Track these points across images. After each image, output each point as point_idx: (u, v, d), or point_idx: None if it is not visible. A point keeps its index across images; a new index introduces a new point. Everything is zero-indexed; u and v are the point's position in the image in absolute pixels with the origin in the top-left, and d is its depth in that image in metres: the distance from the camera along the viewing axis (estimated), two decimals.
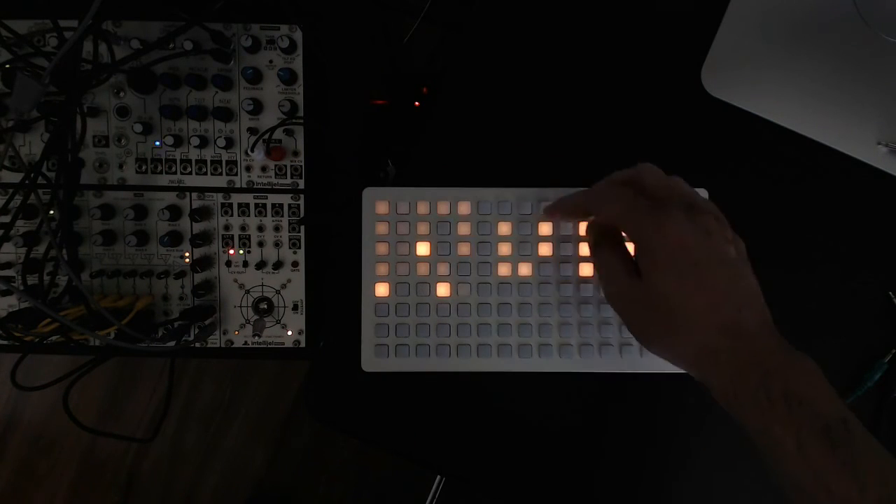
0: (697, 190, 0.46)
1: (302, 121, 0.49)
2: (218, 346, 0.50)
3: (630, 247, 0.41)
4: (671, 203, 0.37)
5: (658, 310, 0.37)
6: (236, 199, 0.50)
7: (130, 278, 0.49)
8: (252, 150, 0.49)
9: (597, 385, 0.47)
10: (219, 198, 0.50)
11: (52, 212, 0.46)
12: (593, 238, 0.43)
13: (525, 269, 0.46)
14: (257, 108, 0.49)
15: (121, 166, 0.49)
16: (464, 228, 0.46)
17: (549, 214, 0.45)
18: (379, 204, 0.46)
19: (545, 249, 0.46)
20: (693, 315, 0.35)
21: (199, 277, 0.50)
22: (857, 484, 0.30)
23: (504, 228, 0.46)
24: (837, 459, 0.31)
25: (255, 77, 0.48)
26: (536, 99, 0.49)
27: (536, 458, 0.47)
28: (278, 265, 0.50)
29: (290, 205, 0.50)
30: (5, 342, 0.46)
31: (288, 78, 0.48)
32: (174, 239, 0.49)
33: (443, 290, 0.46)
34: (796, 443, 0.32)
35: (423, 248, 0.46)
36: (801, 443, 0.32)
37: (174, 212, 0.49)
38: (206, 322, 0.49)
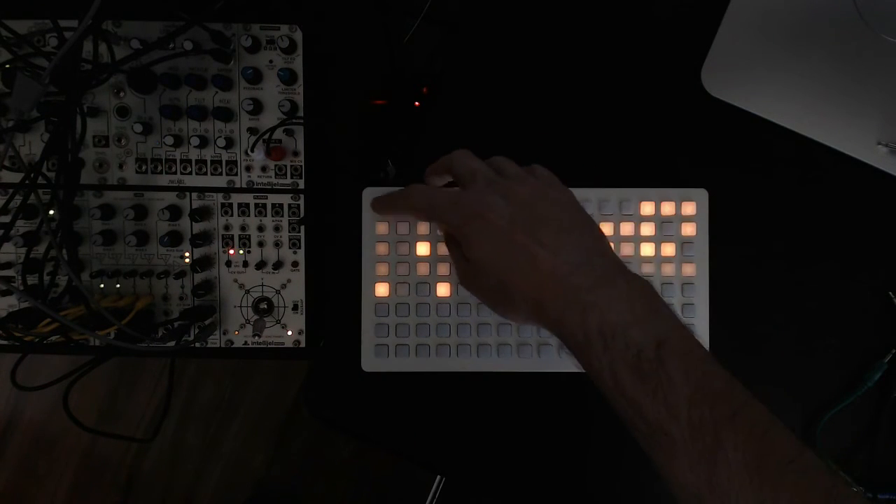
0: (697, 190, 0.46)
1: (302, 121, 0.49)
2: (218, 346, 0.50)
3: None
4: (471, 182, 0.39)
5: (489, 284, 0.38)
6: (236, 199, 0.50)
7: (130, 278, 0.49)
8: (252, 150, 0.49)
9: None
10: (219, 198, 0.50)
11: (52, 212, 0.46)
12: (444, 236, 0.45)
13: None
14: (257, 108, 0.49)
15: (121, 166, 0.49)
16: None
17: (377, 212, 0.46)
18: None
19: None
20: (512, 274, 0.37)
21: (199, 277, 0.50)
22: (667, 407, 0.31)
23: None
24: (647, 385, 0.32)
25: (255, 77, 0.48)
26: (536, 98, 0.49)
27: (536, 458, 0.47)
28: (278, 265, 0.50)
29: (290, 205, 0.50)
30: (5, 342, 0.46)
31: (288, 78, 0.48)
32: (174, 239, 0.49)
33: (443, 290, 0.46)
34: (611, 373, 0.33)
35: (423, 248, 0.46)
36: (614, 372, 0.32)
37: (174, 212, 0.49)
38: (206, 322, 0.49)
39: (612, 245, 0.39)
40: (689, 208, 0.46)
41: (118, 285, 0.49)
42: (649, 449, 0.33)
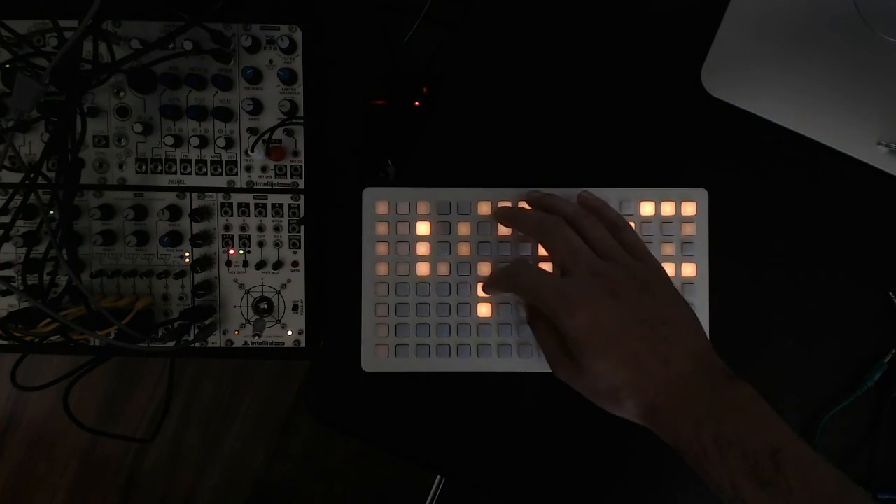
0: (697, 190, 0.46)
1: (302, 121, 0.49)
2: (218, 346, 0.50)
3: None
4: (575, 270, 0.38)
5: (598, 387, 0.38)
6: (236, 199, 0.50)
7: (130, 278, 0.49)
8: (252, 150, 0.49)
9: None
10: (219, 198, 0.50)
11: (52, 212, 0.46)
12: (528, 313, 0.44)
13: None
14: (257, 108, 0.49)
15: (121, 166, 0.49)
16: (464, 228, 0.46)
17: (485, 290, 0.46)
18: (379, 204, 0.46)
19: (545, 249, 0.46)
20: (627, 386, 0.37)
21: (199, 277, 0.50)
22: None
23: (504, 228, 0.46)
24: (768, 496, 0.32)
25: (255, 77, 0.48)
26: (536, 98, 0.49)
27: (536, 458, 0.47)
28: (278, 265, 0.50)
29: (290, 205, 0.50)
30: (5, 342, 0.46)
31: (288, 78, 0.48)
32: (174, 239, 0.49)
33: (443, 290, 0.46)
34: (730, 483, 0.33)
35: (423, 248, 0.46)
36: (734, 483, 0.33)
37: (174, 212, 0.49)
38: (206, 322, 0.49)
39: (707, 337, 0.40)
40: (689, 208, 0.46)
41: (118, 285, 0.50)
42: None
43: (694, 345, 0.38)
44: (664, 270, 0.41)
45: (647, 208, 0.46)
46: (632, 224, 0.46)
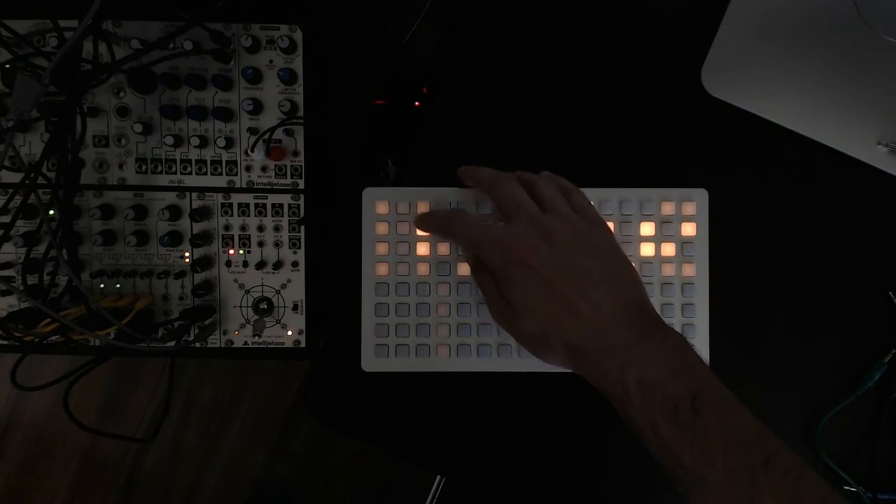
0: (697, 190, 0.46)
1: (302, 121, 0.49)
2: (218, 346, 0.50)
3: None
4: (515, 218, 0.39)
5: (528, 329, 0.39)
6: (236, 199, 0.50)
7: (130, 278, 0.49)
8: (252, 150, 0.49)
9: None
10: (219, 198, 0.50)
11: (51, 212, 0.46)
12: (471, 264, 0.44)
13: None
14: (257, 108, 0.49)
15: (121, 166, 0.49)
16: None
17: (418, 226, 0.46)
18: (379, 204, 0.46)
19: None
20: (554, 324, 0.38)
21: (199, 277, 0.50)
22: (705, 455, 0.33)
23: None
24: (686, 436, 0.34)
25: (255, 77, 0.48)
26: (536, 98, 0.49)
27: (536, 458, 0.47)
28: (278, 265, 0.50)
29: (290, 205, 0.50)
30: (5, 342, 0.46)
31: (288, 78, 0.48)
32: (174, 239, 0.49)
33: (443, 290, 0.46)
34: (650, 424, 0.35)
35: (423, 248, 0.46)
36: (654, 423, 0.34)
37: (174, 212, 0.49)
38: (206, 322, 0.49)
39: (645, 289, 0.40)
40: (689, 208, 0.46)
41: (118, 285, 0.50)
42: (688, 495, 0.35)
43: (627, 294, 0.39)
44: (609, 231, 0.42)
45: (647, 208, 0.46)
46: (631, 224, 0.46)
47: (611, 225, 0.46)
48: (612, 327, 0.37)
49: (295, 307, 0.50)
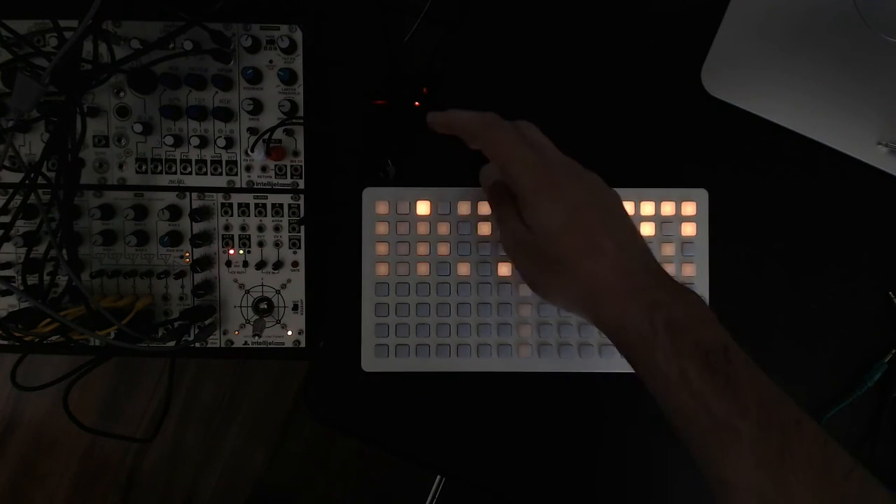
0: (697, 190, 0.46)
1: (302, 121, 0.49)
2: (218, 346, 0.50)
3: None
4: (544, 156, 0.38)
5: (547, 258, 0.37)
6: (236, 199, 0.50)
7: (130, 278, 0.49)
8: (252, 150, 0.49)
9: (597, 384, 0.47)
10: (219, 198, 0.50)
11: (50, 214, 0.46)
12: (491, 185, 0.42)
13: None
14: (257, 108, 0.49)
15: (121, 166, 0.49)
16: (463, 228, 0.46)
17: (432, 124, 0.42)
18: (379, 204, 0.46)
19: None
20: (579, 259, 0.36)
21: (199, 277, 0.50)
22: (737, 404, 0.31)
23: None
24: (717, 382, 0.32)
25: (255, 77, 0.48)
26: (536, 98, 0.49)
27: (536, 458, 0.47)
28: (278, 265, 0.50)
29: (290, 205, 0.50)
30: (5, 342, 0.46)
31: (288, 78, 0.48)
32: (174, 239, 0.49)
33: (443, 290, 0.46)
34: (678, 369, 0.32)
35: (423, 248, 0.46)
36: (683, 368, 0.32)
37: (174, 212, 0.49)
38: (206, 322, 0.49)
39: None
40: (689, 208, 0.46)
41: (118, 285, 0.50)
42: (707, 445, 0.33)
43: (644, 247, 0.37)
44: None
45: (647, 208, 0.46)
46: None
47: None
48: (637, 269, 0.36)
49: (295, 307, 0.50)
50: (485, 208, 0.46)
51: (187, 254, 0.50)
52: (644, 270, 0.36)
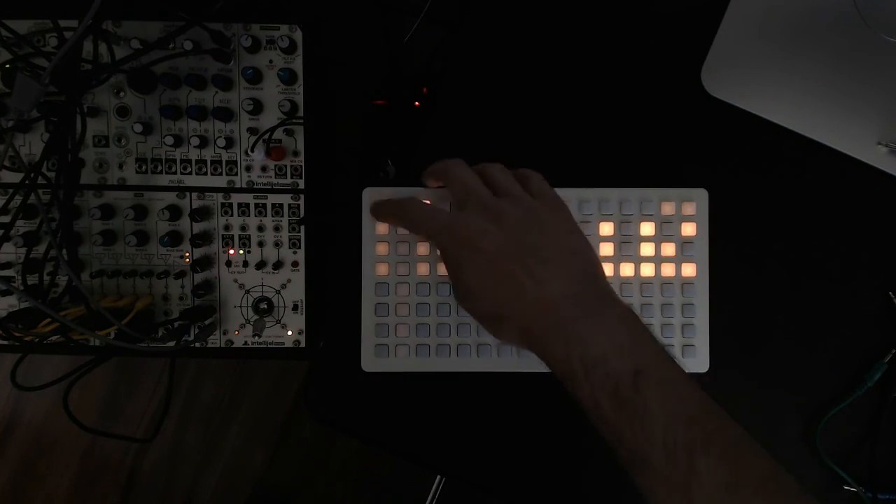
0: (697, 190, 0.46)
1: (302, 121, 0.49)
2: (218, 346, 0.50)
3: None
4: (466, 203, 0.39)
5: (481, 309, 0.39)
6: (236, 199, 0.50)
7: (130, 278, 0.49)
8: (252, 150, 0.49)
9: None
10: (219, 198, 0.50)
11: (51, 213, 0.46)
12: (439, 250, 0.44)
13: None
14: (257, 108, 0.49)
15: (121, 166, 0.49)
16: None
17: (374, 216, 0.46)
18: None
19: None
20: (502, 303, 0.38)
21: (199, 277, 0.50)
22: (646, 437, 0.33)
23: None
24: (626, 415, 0.33)
25: (255, 77, 0.48)
26: (536, 98, 0.49)
27: (536, 458, 0.47)
28: (278, 265, 0.50)
29: (290, 205, 0.50)
30: (5, 342, 0.46)
31: (288, 78, 0.48)
32: (174, 239, 0.49)
33: (443, 290, 0.46)
34: (594, 402, 0.34)
35: (423, 248, 0.46)
36: (598, 404, 0.34)
37: (174, 212, 0.49)
38: (206, 322, 0.49)
39: (602, 267, 0.40)
40: (689, 208, 0.46)
41: (118, 285, 0.50)
42: (633, 476, 0.34)
43: (577, 270, 0.39)
44: (565, 209, 0.41)
45: (647, 208, 0.46)
46: (631, 224, 0.46)
47: (611, 225, 0.46)
48: (558, 304, 0.37)
49: (295, 307, 0.50)
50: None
51: (187, 254, 0.50)
52: (569, 301, 0.37)
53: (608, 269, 0.45)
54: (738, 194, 0.48)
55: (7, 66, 0.47)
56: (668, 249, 0.46)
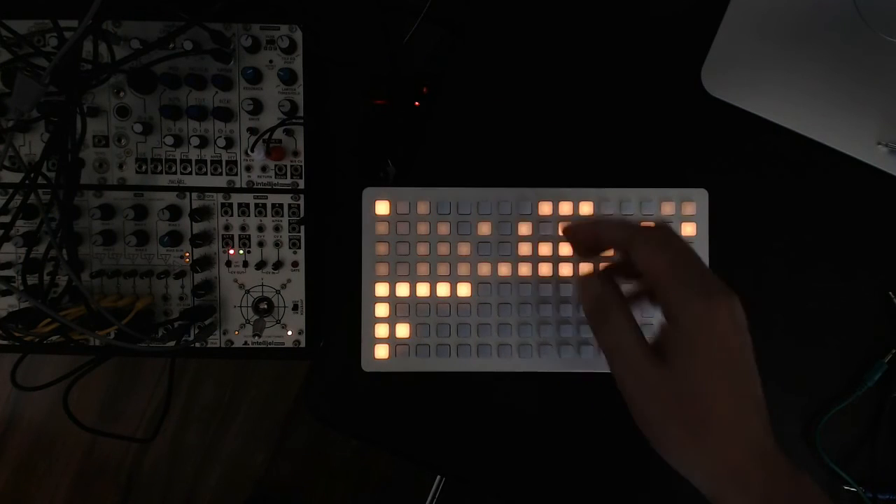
0: (697, 190, 0.46)
1: (302, 121, 0.49)
2: (218, 346, 0.50)
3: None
4: (715, 289, 0.32)
5: (686, 408, 0.31)
6: (236, 199, 0.50)
7: (130, 278, 0.49)
8: (252, 150, 0.49)
9: (597, 384, 0.47)
10: (219, 198, 0.50)
11: (51, 213, 0.46)
12: (594, 299, 0.35)
13: (525, 269, 0.46)
14: (257, 108, 0.49)
15: (121, 166, 0.49)
16: (464, 228, 0.46)
17: (566, 234, 0.42)
18: (379, 204, 0.46)
19: (545, 249, 0.46)
20: (726, 424, 0.30)
21: (199, 277, 0.50)
22: None
23: (504, 228, 0.46)
24: None
25: (255, 77, 0.48)
26: (536, 98, 0.49)
27: (536, 458, 0.47)
28: (278, 265, 0.50)
29: (290, 205, 0.50)
30: (5, 342, 0.46)
31: (288, 78, 0.48)
32: (174, 239, 0.49)
33: (443, 290, 0.46)
34: None
35: (423, 248, 0.46)
36: None
37: (174, 212, 0.49)
38: (206, 322, 0.49)
39: None
40: (689, 208, 0.46)
41: (118, 285, 0.50)
42: None
43: (762, 423, 0.32)
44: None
45: (647, 208, 0.46)
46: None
47: None
48: (775, 451, 0.31)
49: (295, 307, 0.50)
50: (485, 208, 0.46)
51: (187, 254, 0.50)
52: (778, 454, 0.31)
53: None
54: (738, 194, 0.48)
55: (7, 66, 0.47)
56: None
